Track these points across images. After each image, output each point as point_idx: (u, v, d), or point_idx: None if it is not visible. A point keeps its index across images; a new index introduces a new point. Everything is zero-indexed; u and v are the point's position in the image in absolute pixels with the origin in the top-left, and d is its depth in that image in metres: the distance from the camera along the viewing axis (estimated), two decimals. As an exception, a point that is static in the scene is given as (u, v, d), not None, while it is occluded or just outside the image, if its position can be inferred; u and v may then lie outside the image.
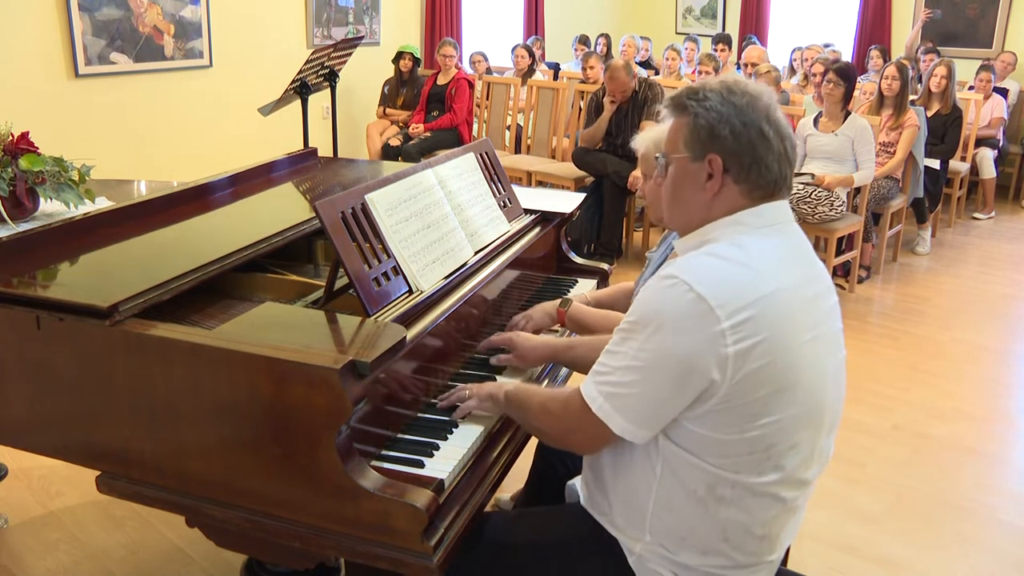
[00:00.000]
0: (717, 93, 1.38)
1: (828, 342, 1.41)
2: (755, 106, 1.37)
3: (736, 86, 1.39)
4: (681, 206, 1.45)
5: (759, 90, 1.40)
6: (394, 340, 1.49)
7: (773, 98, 1.41)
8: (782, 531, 1.44)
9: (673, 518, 1.40)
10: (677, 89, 1.47)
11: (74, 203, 2.31)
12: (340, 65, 4.65)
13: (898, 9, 8.23)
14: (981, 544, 2.63)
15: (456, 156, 2.20)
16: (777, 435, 1.33)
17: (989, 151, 6.54)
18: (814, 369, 1.35)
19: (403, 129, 6.61)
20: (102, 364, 1.57)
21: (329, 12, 6.75)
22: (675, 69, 7.18)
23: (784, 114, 1.42)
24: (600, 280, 2.55)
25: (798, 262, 1.40)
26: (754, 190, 1.38)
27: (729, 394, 1.29)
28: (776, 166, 1.38)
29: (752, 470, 1.35)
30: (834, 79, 4.65)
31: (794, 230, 1.44)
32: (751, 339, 1.27)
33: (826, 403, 1.40)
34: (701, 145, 1.38)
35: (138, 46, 5.50)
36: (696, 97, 1.39)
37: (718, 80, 1.42)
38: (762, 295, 1.29)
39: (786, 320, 1.31)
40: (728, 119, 1.36)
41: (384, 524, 1.39)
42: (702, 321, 1.27)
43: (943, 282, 5.17)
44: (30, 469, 2.85)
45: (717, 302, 1.27)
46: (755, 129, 1.36)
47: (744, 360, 1.27)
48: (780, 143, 1.38)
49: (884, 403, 3.54)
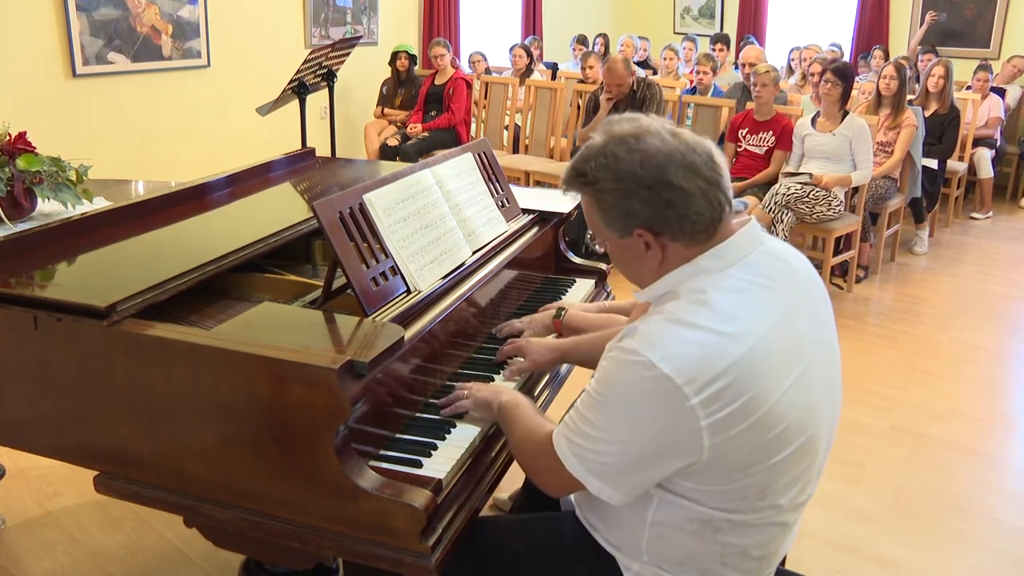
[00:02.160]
0: (606, 167, 1.27)
1: (822, 367, 1.34)
2: (648, 158, 1.25)
3: (620, 147, 1.27)
4: (637, 274, 1.39)
5: (643, 130, 1.28)
6: (392, 340, 1.48)
7: (661, 125, 1.30)
8: (780, 548, 1.43)
9: (669, 545, 1.37)
10: (566, 168, 1.35)
11: (72, 203, 2.30)
12: (338, 65, 4.64)
13: (896, 10, 8.24)
14: (979, 544, 2.63)
15: (454, 156, 2.20)
16: (771, 477, 1.29)
17: (987, 151, 6.55)
18: (804, 406, 1.28)
19: (401, 129, 6.61)
20: (100, 364, 1.57)
21: (327, 12, 6.75)
22: (673, 69, 7.18)
23: (680, 129, 1.30)
24: (598, 280, 2.54)
25: (776, 295, 1.30)
26: (696, 235, 1.28)
27: (711, 457, 1.23)
28: (704, 203, 1.26)
29: (749, 508, 1.32)
30: (832, 79, 4.65)
31: (762, 254, 1.33)
32: (727, 408, 1.20)
33: (820, 431, 1.34)
34: (620, 224, 1.30)
35: (136, 46, 5.49)
36: (587, 180, 1.30)
37: (602, 140, 1.30)
38: (735, 360, 1.20)
39: (765, 374, 1.22)
40: (630, 192, 1.26)
41: (382, 524, 1.39)
42: (670, 400, 1.20)
43: (941, 282, 5.17)
44: (28, 469, 2.84)
45: (684, 379, 1.18)
46: (662, 185, 1.25)
47: (722, 428, 1.21)
48: (695, 178, 1.25)
49: (882, 403, 3.54)
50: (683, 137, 1.29)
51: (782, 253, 1.39)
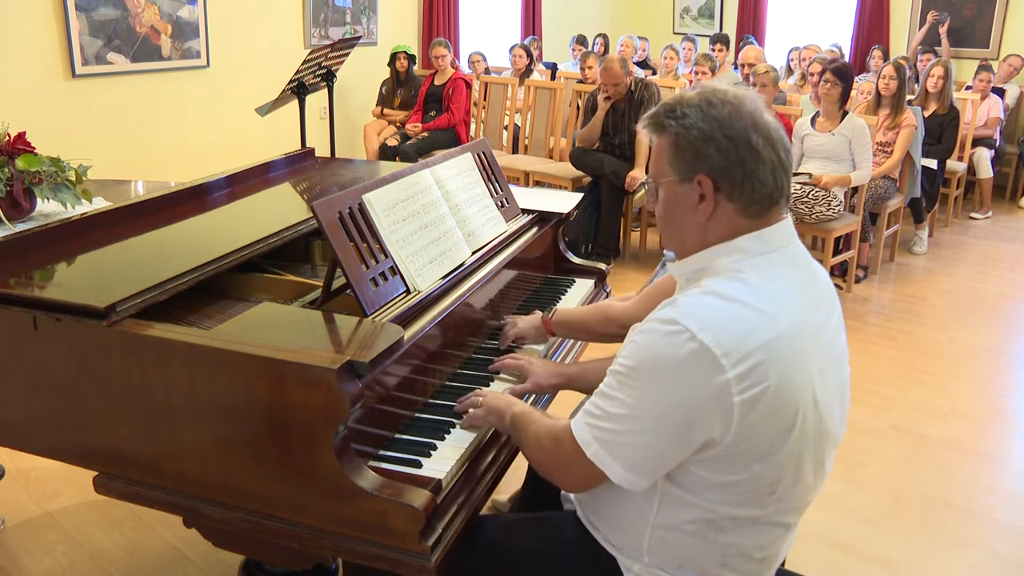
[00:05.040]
0: (696, 107, 1.30)
1: (835, 368, 1.35)
2: (739, 115, 1.29)
3: (716, 95, 1.31)
4: (676, 230, 1.38)
5: (742, 96, 1.32)
6: (391, 340, 1.48)
7: (758, 101, 1.33)
8: (780, 549, 1.43)
9: (670, 546, 1.37)
10: (654, 108, 1.38)
11: (71, 203, 2.30)
12: (337, 65, 4.64)
13: (896, 10, 8.24)
14: (979, 543, 2.63)
15: (453, 156, 2.20)
16: (782, 470, 1.29)
17: (986, 151, 6.56)
18: (820, 402, 1.29)
19: (400, 129, 6.61)
20: (99, 365, 1.56)
21: (326, 12, 6.75)
22: (672, 69, 7.18)
23: (774, 114, 1.35)
24: (597, 280, 2.54)
25: (806, 289, 1.33)
26: (750, 206, 1.30)
27: (735, 440, 1.24)
28: (771, 177, 1.29)
29: (755, 504, 1.32)
30: (831, 79, 4.66)
31: (797, 249, 1.36)
32: (759, 386, 1.20)
33: (831, 429, 1.34)
34: (687, 166, 1.31)
35: (135, 46, 5.50)
36: (674, 115, 1.32)
37: (696, 91, 1.34)
38: (771, 338, 1.21)
39: (795, 360, 1.24)
40: (711, 135, 1.28)
41: (382, 524, 1.39)
42: (706, 372, 1.20)
43: (940, 282, 5.18)
44: (27, 470, 2.84)
45: (723, 350, 1.19)
46: (742, 141, 1.28)
47: (751, 407, 1.21)
48: (771, 152, 1.29)
49: (882, 403, 3.54)
50: (769, 117, 1.33)
51: (806, 255, 1.41)
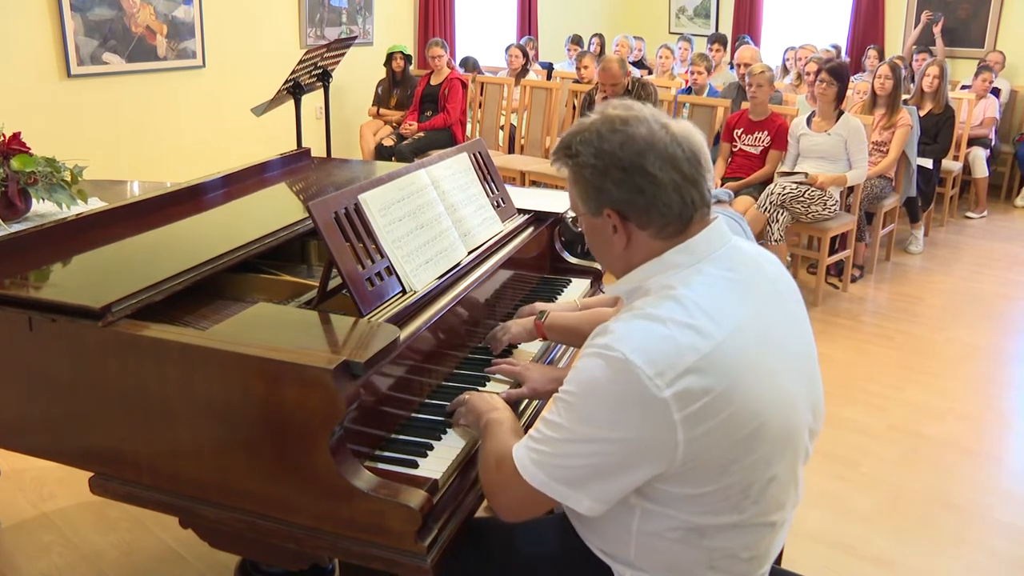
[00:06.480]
0: (588, 143, 1.30)
1: (794, 363, 1.34)
2: (632, 142, 1.27)
3: (607, 124, 1.30)
4: (602, 257, 1.41)
5: (636, 117, 1.30)
6: (388, 340, 1.48)
7: (655, 118, 1.31)
8: (770, 548, 1.42)
9: (657, 552, 1.36)
10: (559, 141, 1.38)
11: (66, 204, 2.30)
12: (333, 65, 4.65)
13: (891, 9, 8.26)
14: (976, 543, 2.64)
15: (449, 156, 2.20)
16: (752, 475, 1.28)
17: (981, 150, 6.57)
18: (781, 401, 1.28)
19: (396, 129, 6.61)
20: (95, 365, 1.56)
21: (322, 12, 6.74)
22: (668, 69, 7.19)
23: (674, 122, 1.31)
24: (593, 279, 2.54)
25: (747, 291, 1.31)
26: (664, 228, 1.30)
27: (689, 454, 1.22)
28: (676, 197, 1.28)
29: (732, 511, 1.30)
30: (827, 79, 4.66)
31: (734, 249, 1.35)
32: (700, 400, 1.19)
33: (800, 427, 1.33)
34: (592, 201, 1.32)
35: (131, 46, 5.49)
36: (570, 152, 1.33)
37: (592, 119, 1.33)
38: (706, 353, 1.20)
39: (739, 366, 1.23)
40: (606, 171, 1.28)
41: (378, 524, 1.39)
42: (642, 394, 1.19)
43: (936, 281, 5.19)
44: (23, 471, 2.84)
45: (655, 370, 1.18)
46: (637, 170, 1.27)
47: (697, 421, 1.20)
48: (672, 171, 1.27)
49: (878, 403, 3.55)
50: (672, 129, 1.30)
51: (753, 253, 1.39)
